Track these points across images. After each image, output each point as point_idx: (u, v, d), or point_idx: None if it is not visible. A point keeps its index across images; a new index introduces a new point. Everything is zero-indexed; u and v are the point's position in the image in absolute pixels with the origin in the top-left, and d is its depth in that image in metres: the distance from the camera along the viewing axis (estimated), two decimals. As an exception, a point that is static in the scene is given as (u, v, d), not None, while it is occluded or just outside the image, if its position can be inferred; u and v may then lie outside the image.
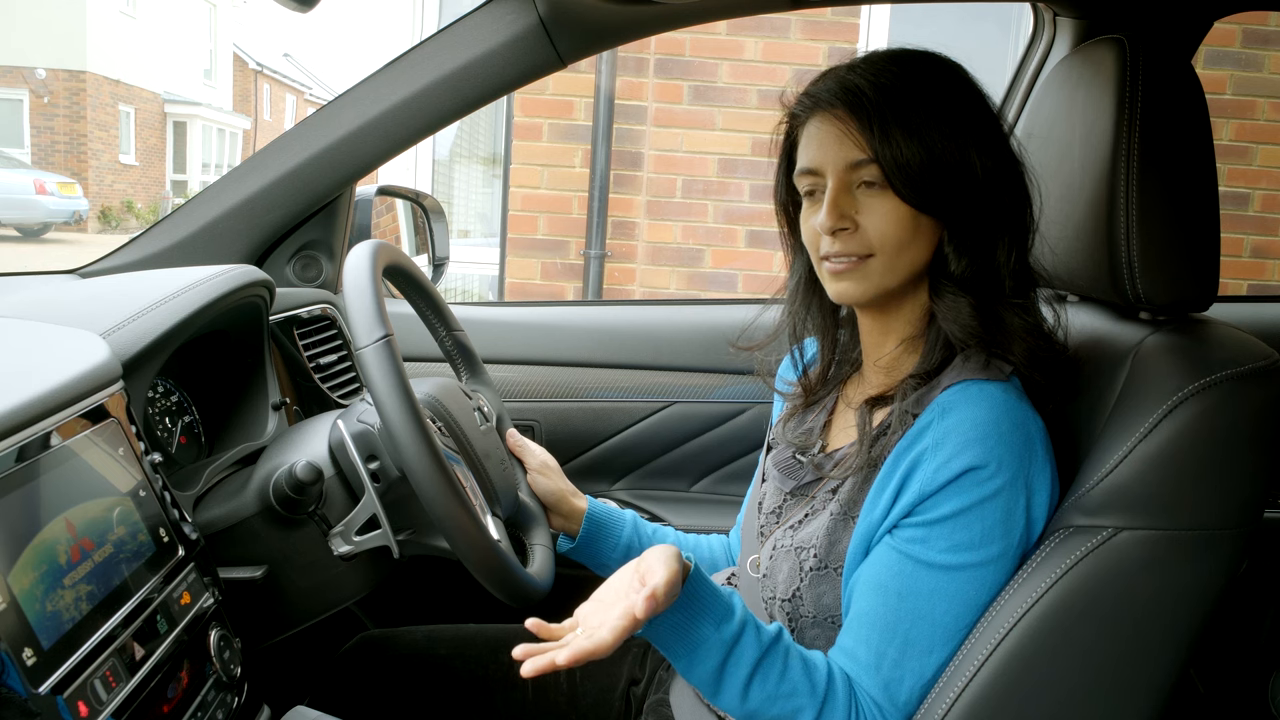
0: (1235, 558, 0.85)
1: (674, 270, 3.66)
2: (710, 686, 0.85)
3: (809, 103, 0.93)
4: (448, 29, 1.32)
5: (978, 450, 0.83)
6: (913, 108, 0.88)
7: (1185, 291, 0.90)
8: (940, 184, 0.88)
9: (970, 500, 0.83)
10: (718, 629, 0.83)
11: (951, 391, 0.87)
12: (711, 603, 0.84)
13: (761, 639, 0.85)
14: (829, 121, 0.91)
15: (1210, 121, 0.90)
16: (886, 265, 0.90)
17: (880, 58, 0.92)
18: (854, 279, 0.91)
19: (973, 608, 0.85)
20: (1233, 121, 3.50)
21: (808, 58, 3.51)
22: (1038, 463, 0.85)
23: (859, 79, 0.90)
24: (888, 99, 0.88)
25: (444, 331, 1.28)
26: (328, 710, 0.94)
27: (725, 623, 0.84)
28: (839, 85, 0.91)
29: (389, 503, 1.02)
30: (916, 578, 0.85)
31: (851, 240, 0.90)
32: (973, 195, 0.88)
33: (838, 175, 0.90)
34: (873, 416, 0.94)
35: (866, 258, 0.90)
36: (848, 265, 0.91)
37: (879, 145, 0.87)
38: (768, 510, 1.03)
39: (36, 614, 0.68)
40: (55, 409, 0.77)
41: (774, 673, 0.84)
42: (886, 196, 0.88)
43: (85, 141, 18.57)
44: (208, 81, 24.58)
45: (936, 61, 0.92)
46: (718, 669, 0.84)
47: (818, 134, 0.92)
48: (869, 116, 0.88)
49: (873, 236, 0.89)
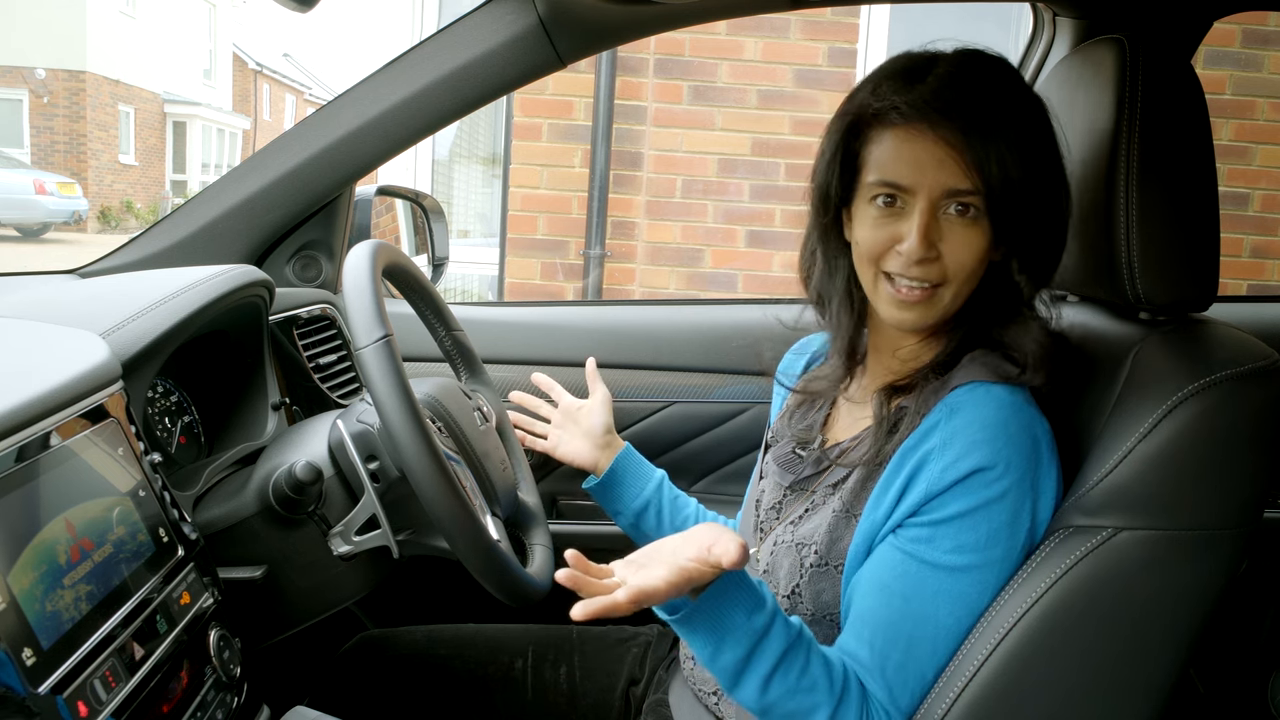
0: (1235, 558, 0.85)
1: (674, 270, 3.65)
2: (732, 677, 0.82)
3: (907, 111, 0.84)
4: (447, 29, 1.32)
5: (986, 451, 0.82)
6: (1017, 135, 0.84)
7: (1185, 291, 0.90)
8: (1028, 217, 0.85)
9: (977, 501, 0.83)
10: (749, 617, 0.80)
11: (960, 392, 0.86)
12: (746, 590, 0.81)
13: (790, 631, 0.83)
14: (926, 138, 0.83)
15: (1210, 121, 0.90)
16: (955, 294, 0.87)
17: (982, 62, 0.86)
18: (922, 310, 0.87)
19: (975, 610, 0.85)
20: (1232, 121, 3.49)
21: (808, 58, 3.51)
22: (1044, 466, 0.85)
23: (960, 94, 0.83)
24: (996, 124, 0.83)
25: (444, 331, 1.28)
26: (328, 710, 0.94)
27: (757, 611, 0.81)
28: (940, 100, 0.83)
29: (389, 503, 1.02)
30: (921, 578, 0.84)
31: (932, 269, 0.86)
32: (1045, 223, 0.87)
33: (931, 199, 0.84)
34: (890, 403, 0.93)
35: (938, 286, 0.87)
36: (919, 295, 0.87)
37: (990, 175, 0.82)
38: (766, 506, 1.03)
39: (36, 614, 0.68)
40: (55, 409, 0.77)
41: (796, 667, 0.82)
42: (977, 227, 0.85)
43: (85, 141, 18.56)
44: (207, 81, 24.57)
45: (1018, 76, 0.89)
46: (744, 659, 0.81)
47: (913, 148, 0.84)
48: (983, 141, 0.82)
49: (950, 265, 0.86)
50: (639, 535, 1.24)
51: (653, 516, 1.21)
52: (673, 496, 1.24)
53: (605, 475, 1.23)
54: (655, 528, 1.22)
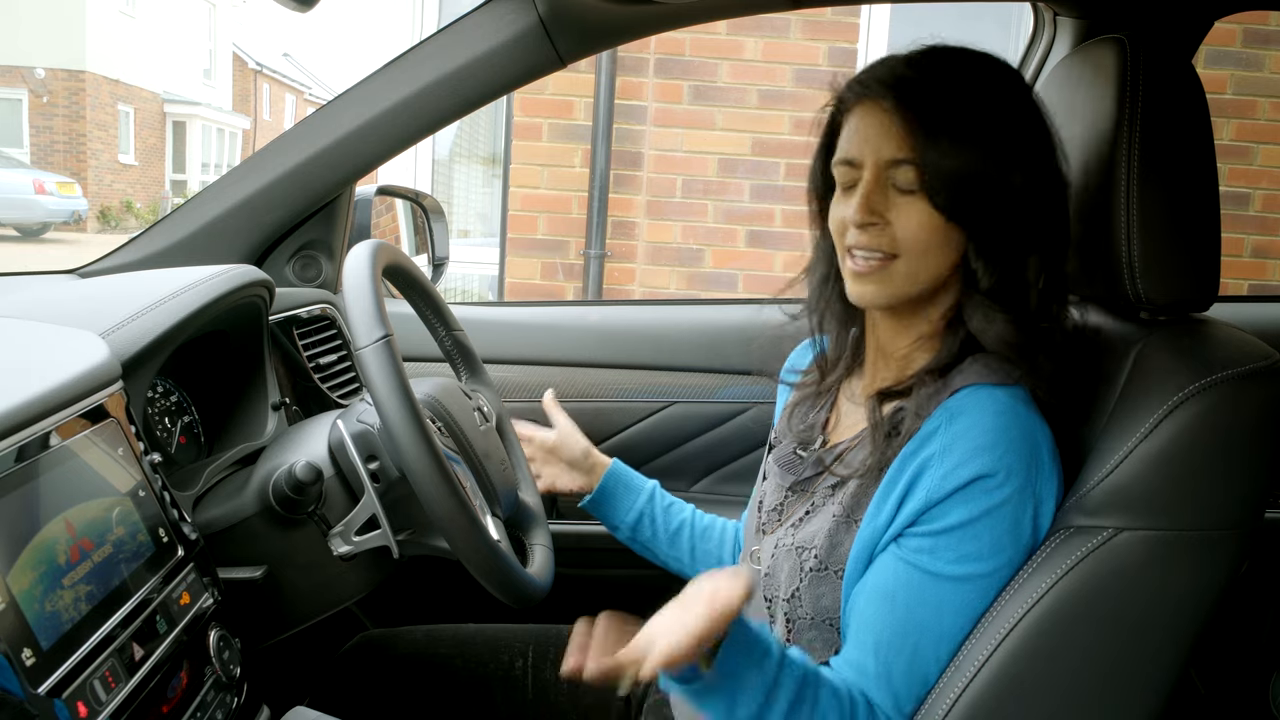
0: (1236, 558, 0.84)
1: (674, 270, 3.65)
2: None
3: (858, 89, 0.90)
4: (447, 29, 1.32)
5: (987, 458, 0.82)
6: (965, 114, 0.85)
7: (1186, 291, 0.90)
8: (976, 197, 0.85)
9: (978, 509, 0.82)
10: (760, 673, 0.80)
11: (960, 396, 0.85)
12: (751, 647, 0.80)
13: (796, 674, 0.82)
14: (875, 113, 0.88)
15: (1211, 121, 0.90)
16: (909, 270, 0.88)
17: (944, 54, 0.89)
18: (876, 281, 0.89)
19: (975, 612, 0.85)
20: (1233, 121, 3.49)
21: (808, 58, 3.51)
22: (1045, 471, 0.84)
23: (916, 73, 0.87)
24: (941, 100, 0.86)
25: (444, 331, 1.28)
26: (328, 710, 0.94)
27: (765, 662, 0.80)
28: (892, 75, 0.87)
29: (389, 503, 1.02)
30: (924, 589, 0.84)
31: (880, 236, 0.87)
32: (1006, 212, 0.86)
33: (875, 170, 0.87)
34: (883, 409, 0.92)
35: (891, 258, 0.88)
36: (870, 266, 0.88)
37: (923, 148, 0.85)
38: (768, 508, 1.03)
39: (35, 614, 0.68)
40: (55, 409, 0.77)
41: (807, 705, 0.81)
42: (920, 200, 0.86)
43: (84, 141, 18.56)
44: (207, 81, 24.57)
45: (999, 68, 0.90)
46: (757, 713, 0.80)
47: (861, 124, 0.89)
48: (918, 115, 0.85)
49: (900, 237, 0.87)
50: (638, 546, 1.24)
51: (647, 527, 1.22)
52: (665, 505, 1.23)
53: (595, 494, 1.24)
54: (651, 538, 1.22)
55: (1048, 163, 0.89)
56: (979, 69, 0.89)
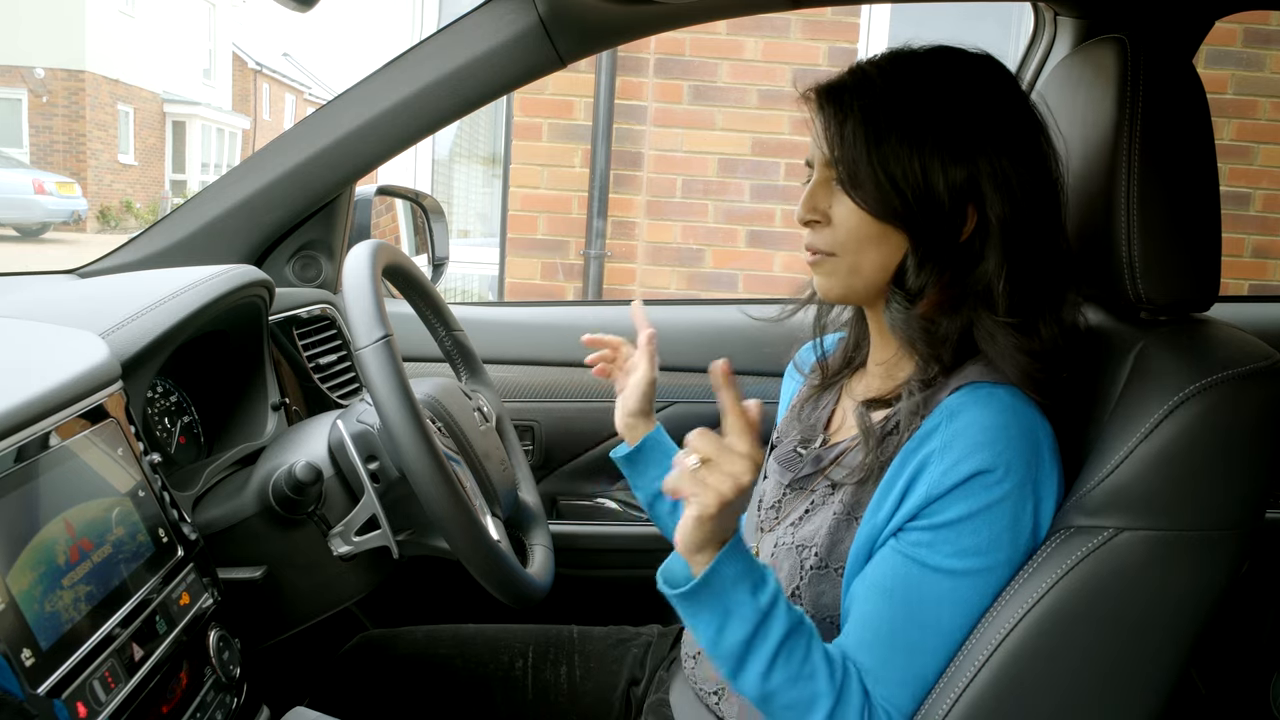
0: (1236, 558, 0.84)
1: (674, 270, 3.65)
2: (735, 661, 0.82)
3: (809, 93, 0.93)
4: (447, 29, 1.32)
5: (986, 454, 0.82)
6: (888, 115, 0.86)
7: (1186, 291, 0.90)
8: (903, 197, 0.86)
9: (978, 505, 0.82)
10: (754, 595, 0.80)
11: (960, 394, 0.85)
12: (750, 566, 0.81)
13: (792, 615, 0.82)
14: (816, 115, 0.92)
15: (1211, 121, 0.90)
16: (849, 267, 0.91)
17: (904, 56, 0.90)
18: (822, 273, 0.93)
19: (977, 614, 0.85)
20: (1234, 121, 3.49)
21: (808, 58, 3.51)
22: (1045, 468, 0.84)
23: (850, 77, 0.90)
24: (863, 101, 0.87)
25: (444, 331, 1.28)
26: (328, 711, 0.94)
27: (761, 589, 0.81)
28: (832, 79, 0.91)
29: (389, 503, 1.02)
30: (923, 583, 0.84)
31: (819, 235, 0.91)
32: (933, 213, 0.86)
33: (821, 169, 0.91)
34: (871, 416, 0.93)
35: (831, 255, 0.91)
36: (813, 259, 0.93)
37: (838, 147, 0.88)
38: (767, 505, 1.03)
39: (35, 614, 0.68)
40: (54, 409, 0.77)
41: (799, 653, 0.81)
42: (847, 199, 0.89)
43: (84, 141, 18.56)
44: (207, 81, 24.57)
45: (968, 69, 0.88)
46: (747, 640, 0.80)
47: (812, 126, 0.93)
48: (835, 117, 0.88)
49: (840, 232, 0.90)
50: (653, 515, 1.24)
51: (668, 500, 1.20)
52: None
53: (633, 450, 1.20)
54: (672, 510, 1.21)
55: (1019, 161, 0.86)
56: (938, 70, 0.88)
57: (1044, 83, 1.09)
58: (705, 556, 0.80)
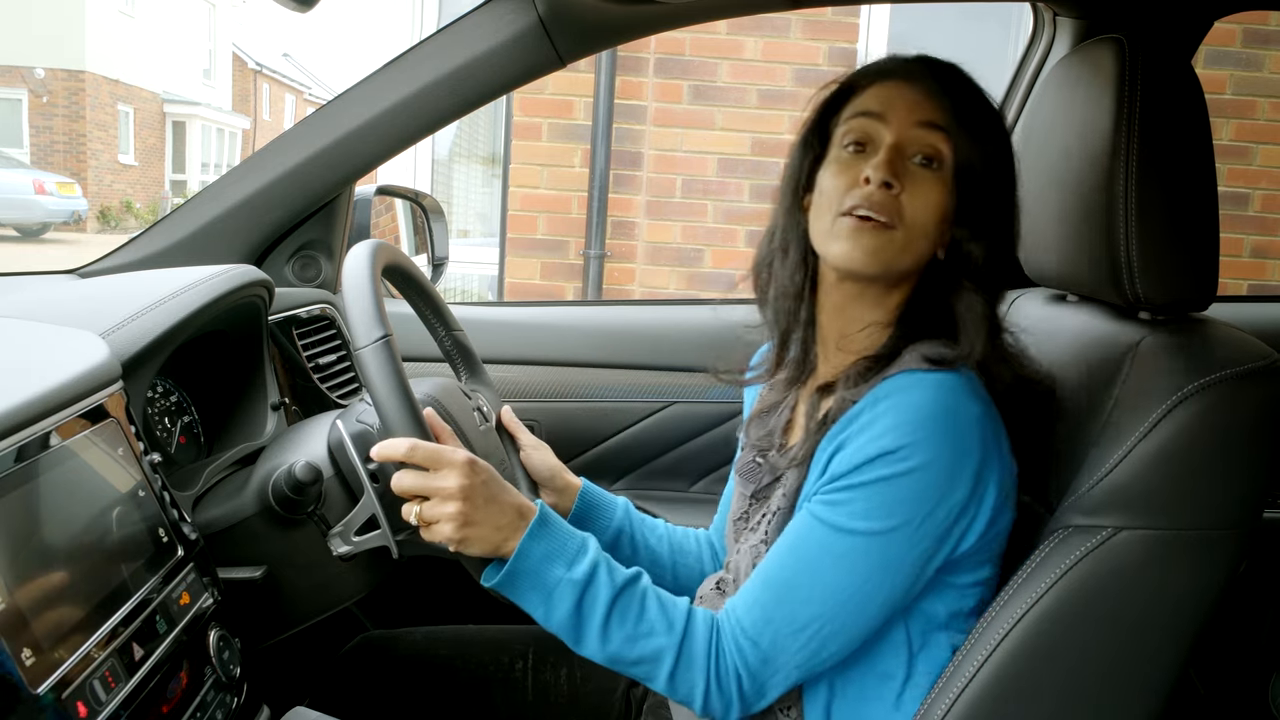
0: (1235, 558, 0.85)
1: (674, 270, 3.65)
2: (571, 632, 0.86)
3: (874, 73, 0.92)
4: (447, 28, 1.32)
5: (899, 434, 0.81)
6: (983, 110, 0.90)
7: (1185, 291, 0.90)
8: (984, 190, 0.89)
9: (881, 474, 0.82)
10: (570, 569, 0.85)
11: (890, 381, 0.85)
12: (562, 545, 0.87)
13: (615, 579, 0.86)
14: (903, 88, 0.89)
15: (1210, 121, 0.90)
16: (904, 244, 0.88)
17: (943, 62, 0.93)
18: (871, 240, 0.87)
19: (858, 575, 0.83)
20: (1233, 121, 3.49)
21: (808, 57, 3.51)
22: (967, 453, 0.82)
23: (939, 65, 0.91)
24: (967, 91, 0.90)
25: (443, 331, 1.28)
26: (328, 711, 0.94)
27: (577, 563, 0.86)
28: (930, 60, 0.91)
29: (388, 503, 1.02)
30: (811, 534, 0.85)
31: (890, 203, 0.87)
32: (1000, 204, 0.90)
33: (901, 131, 0.88)
34: (821, 405, 0.93)
35: (891, 228, 0.87)
36: (873, 224, 0.87)
37: (955, 127, 0.88)
38: (735, 518, 1.04)
39: (35, 614, 0.68)
40: (54, 409, 0.77)
41: (631, 613, 0.85)
42: (939, 181, 0.88)
43: (84, 141, 18.56)
44: (207, 81, 24.57)
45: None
46: (573, 611, 0.85)
47: (889, 91, 0.90)
48: (954, 97, 0.88)
49: (907, 209, 0.87)
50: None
51: (626, 545, 1.17)
52: (640, 520, 1.20)
53: (570, 518, 1.16)
54: (631, 555, 1.17)
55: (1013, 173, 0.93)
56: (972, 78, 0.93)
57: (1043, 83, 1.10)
58: (510, 546, 0.85)
